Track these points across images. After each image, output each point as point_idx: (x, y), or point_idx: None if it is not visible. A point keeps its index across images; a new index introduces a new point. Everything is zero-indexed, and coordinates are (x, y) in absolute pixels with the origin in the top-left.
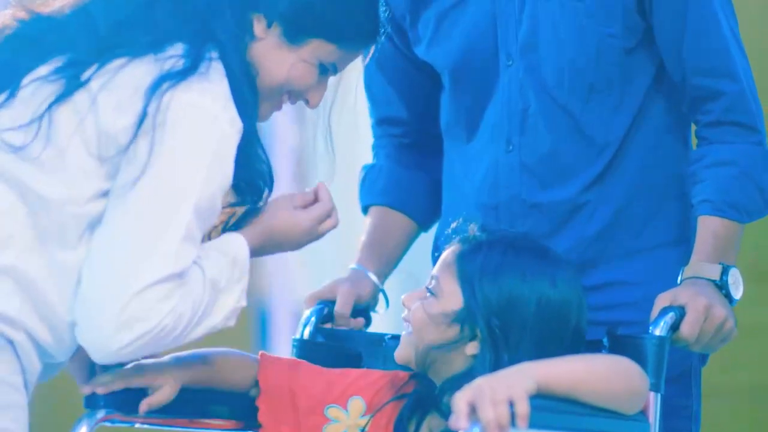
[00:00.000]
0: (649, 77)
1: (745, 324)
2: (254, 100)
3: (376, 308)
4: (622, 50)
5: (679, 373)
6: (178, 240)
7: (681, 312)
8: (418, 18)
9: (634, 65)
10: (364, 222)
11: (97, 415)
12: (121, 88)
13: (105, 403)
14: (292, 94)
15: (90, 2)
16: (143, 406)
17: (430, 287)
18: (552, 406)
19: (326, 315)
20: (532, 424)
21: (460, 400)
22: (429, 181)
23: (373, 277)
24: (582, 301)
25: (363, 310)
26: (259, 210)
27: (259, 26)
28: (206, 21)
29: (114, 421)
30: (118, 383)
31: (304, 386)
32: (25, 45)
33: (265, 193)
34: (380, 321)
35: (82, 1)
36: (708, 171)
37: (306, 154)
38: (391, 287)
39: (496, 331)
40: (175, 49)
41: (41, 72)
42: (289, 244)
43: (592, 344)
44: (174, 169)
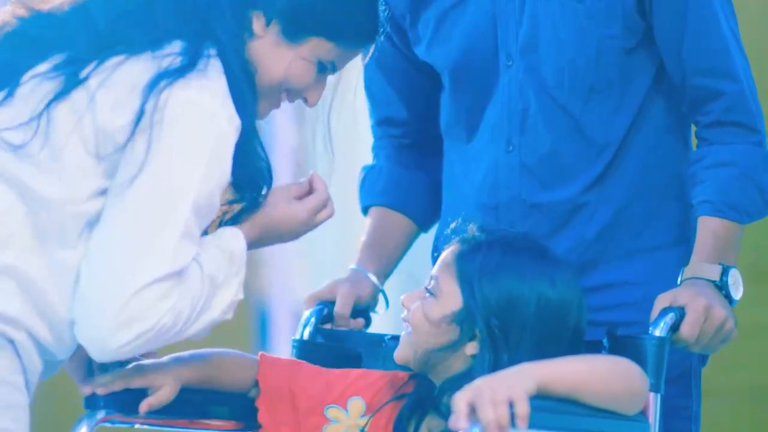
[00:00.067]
0: (649, 78)
1: (745, 324)
2: (253, 98)
3: (376, 309)
4: (622, 51)
5: (679, 374)
6: (177, 238)
7: (681, 313)
8: (418, 18)
9: (634, 66)
10: (364, 223)
11: (97, 416)
12: (118, 85)
13: (105, 404)
14: (291, 93)
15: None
16: (143, 407)
17: (429, 287)
18: (552, 407)
19: (326, 315)
20: (532, 425)
21: (460, 401)
22: (429, 182)
23: (373, 278)
24: (581, 301)
25: (363, 310)
26: (258, 207)
27: (258, 24)
28: (205, 18)
29: (114, 422)
30: (118, 384)
31: (304, 387)
32: (25, 43)
33: (264, 191)
34: (380, 321)
35: None
36: (708, 172)
37: (305, 154)
38: (390, 288)
39: (496, 332)
40: (173, 46)
41: (40, 69)
42: (287, 236)
43: (592, 345)
44: (172, 166)
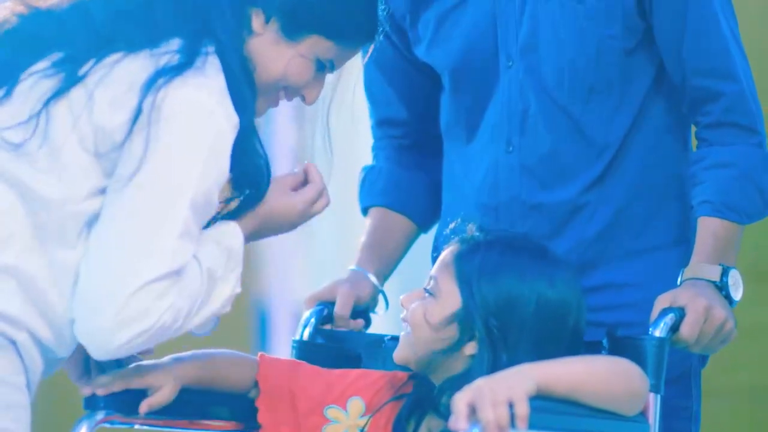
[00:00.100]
0: (649, 78)
1: (745, 325)
2: (252, 95)
3: (376, 309)
4: (622, 51)
5: (679, 374)
6: (176, 237)
7: (681, 313)
8: (418, 19)
9: (634, 66)
10: (364, 223)
11: (96, 416)
12: (116, 83)
13: (105, 404)
14: (289, 91)
15: None
16: (143, 407)
17: (428, 288)
18: (551, 408)
19: (326, 316)
20: (532, 425)
21: (460, 401)
22: (429, 183)
23: (373, 279)
24: (581, 301)
25: (362, 311)
26: (256, 204)
27: (257, 21)
28: (205, 15)
29: (114, 422)
30: (118, 384)
31: (304, 387)
32: (24, 40)
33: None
34: (380, 322)
35: None
36: (708, 172)
37: (304, 153)
38: (390, 289)
39: (495, 332)
40: (171, 44)
41: (39, 67)
42: (284, 228)
43: (592, 345)
44: (170, 165)
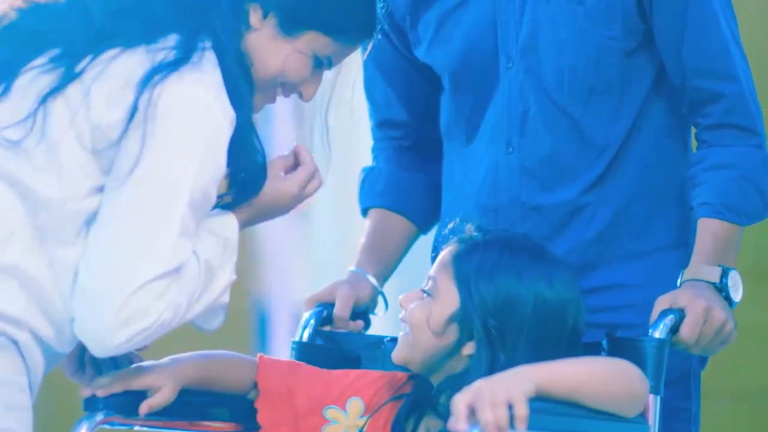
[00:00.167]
0: (649, 80)
1: (745, 326)
2: (249, 90)
3: (375, 311)
4: (622, 52)
5: (679, 376)
6: (174, 236)
7: (680, 314)
8: (419, 20)
9: (634, 68)
10: (364, 224)
11: (96, 418)
12: (113, 79)
13: (104, 406)
14: (286, 87)
15: None
16: (143, 408)
17: (426, 288)
18: (551, 409)
19: (325, 317)
20: (531, 427)
21: (459, 402)
22: (428, 184)
23: (372, 280)
24: (579, 301)
25: (362, 312)
26: (253, 198)
27: (254, 16)
28: (203, 10)
29: (113, 424)
30: (118, 385)
31: (303, 387)
32: (22, 36)
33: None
34: (379, 323)
35: None
36: (707, 174)
37: None
38: (390, 290)
39: (493, 332)
40: (168, 40)
41: (36, 63)
42: (278, 212)
43: (592, 346)
44: (167, 161)
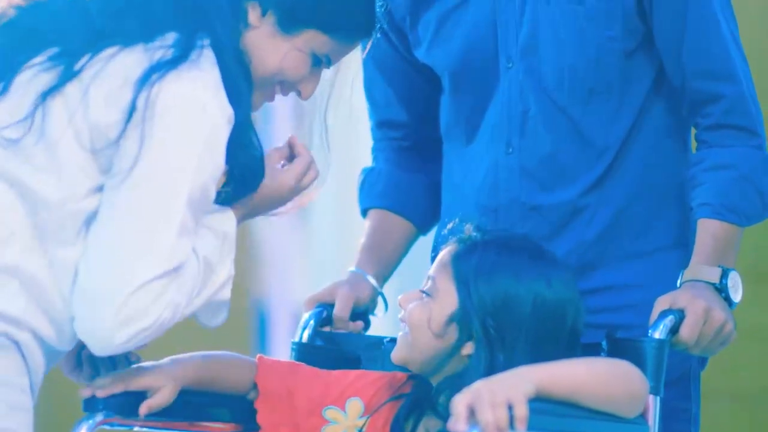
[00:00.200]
0: (648, 80)
1: (745, 326)
2: (248, 88)
3: (375, 311)
4: (621, 53)
5: (679, 376)
6: (174, 235)
7: (680, 315)
8: (419, 20)
9: (633, 68)
10: (364, 225)
11: (96, 418)
12: (111, 78)
13: (104, 406)
14: (284, 85)
15: None
16: (143, 409)
17: (425, 289)
18: (550, 410)
19: (325, 318)
20: (531, 427)
21: (459, 403)
22: (428, 185)
23: (372, 281)
24: (578, 301)
25: (362, 313)
26: (250, 194)
27: (253, 14)
28: (202, 8)
29: (113, 425)
30: (118, 386)
31: (303, 388)
32: (21, 35)
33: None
34: (379, 324)
35: None
36: (707, 174)
37: None
38: (390, 290)
39: (491, 332)
40: (166, 38)
41: (35, 62)
42: (276, 205)
43: (591, 347)
44: (165, 161)
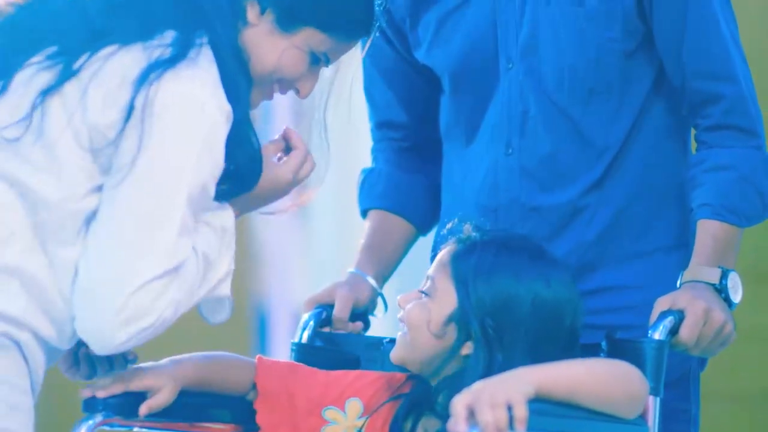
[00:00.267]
0: (648, 81)
1: (744, 327)
2: (247, 86)
3: (375, 312)
4: (622, 54)
5: (678, 377)
6: (174, 235)
7: (680, 316)
8: (419, 21)
9: (633, 69)
10: (363, 226)
11: (95, 419)
12: (109, 77)
13: (104, 407)
14: (283, 83)
15: None
16: (143, 409)
17: (424, 289)
18: (550, 410)
19: (325, 319)
20: (530, 428)
21: (459, 404)
22: (428, 185)
23: (372, 281)
24: (577, 301)
25: (361, 314)
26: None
27: (252, 12)
28: (201, 6)
29: (113, 425)
30: (117, 387)
31: (302, 388)
32: (20, 33)
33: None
34: (379, 325)
35: None
36: (707, 175)
37: None
38: (389, 291)
39: (490, 332)
40: (164, 37)
41: (34, 60)
42: (274, 198)
43: (591, 348)
44: (164, 160)
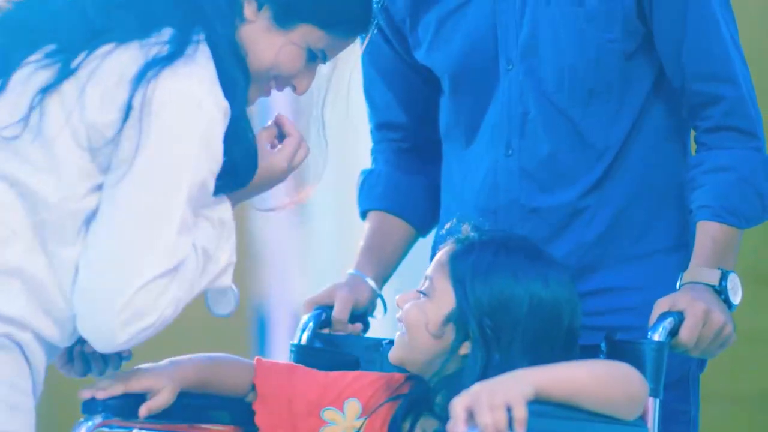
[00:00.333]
0: (648, 82)
1: (744, 329)
2: (244, 82)
3: (374, 313)
4: (621, 55)
5: (678, 379)
6: (174, 233)
7: (680, 317)
8: (418, 22)
9: (633, 70)
10: (363, 227)
11: (95, 420)
12: (107, 76)
13: (103, 408)
14: (279, 80)
15: None
16: (143, 411)
17: (423, 289)
18: (550, 412)
19: (324, 320)
20: (530, 430)
21: (458, 405)
22: (428, 186)
23: (371, 283)
24: (575, 301)
25: (361, 315)
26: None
27: (249, 8)
28: (198, 3)
29: (112, 426)
30: (117, 388)
31: (301, 389)
32: (19, 32)
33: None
34: (378, 326)
35: None
36: (707, 176)
37: None
38: (389, 292)
39: (488, 332)
40: (162, 34)
41: (32, 59)
42: (269, 186)
43: (590, 349)
44: (163, 158)
